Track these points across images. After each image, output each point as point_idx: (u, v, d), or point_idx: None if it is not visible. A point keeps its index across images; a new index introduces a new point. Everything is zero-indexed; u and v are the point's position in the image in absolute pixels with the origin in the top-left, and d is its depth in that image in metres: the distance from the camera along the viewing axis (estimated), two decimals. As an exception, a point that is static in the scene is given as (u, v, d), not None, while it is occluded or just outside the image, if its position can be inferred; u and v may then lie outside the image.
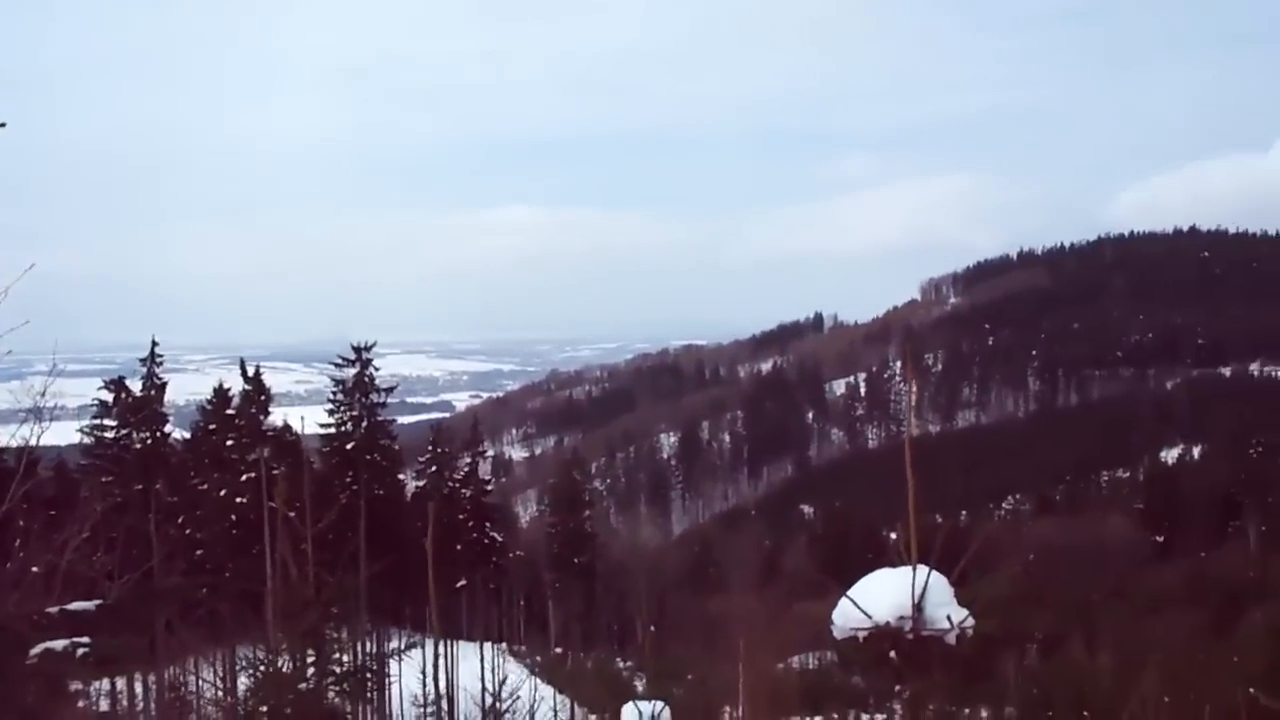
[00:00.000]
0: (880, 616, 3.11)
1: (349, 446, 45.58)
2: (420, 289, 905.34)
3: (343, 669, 6.19)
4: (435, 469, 55.03)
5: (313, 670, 6.01)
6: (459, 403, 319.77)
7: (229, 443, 43.57)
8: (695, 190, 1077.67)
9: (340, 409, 46.39)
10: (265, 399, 45.11)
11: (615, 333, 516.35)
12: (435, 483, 54.34)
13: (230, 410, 44.92)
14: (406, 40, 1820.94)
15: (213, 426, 45.01)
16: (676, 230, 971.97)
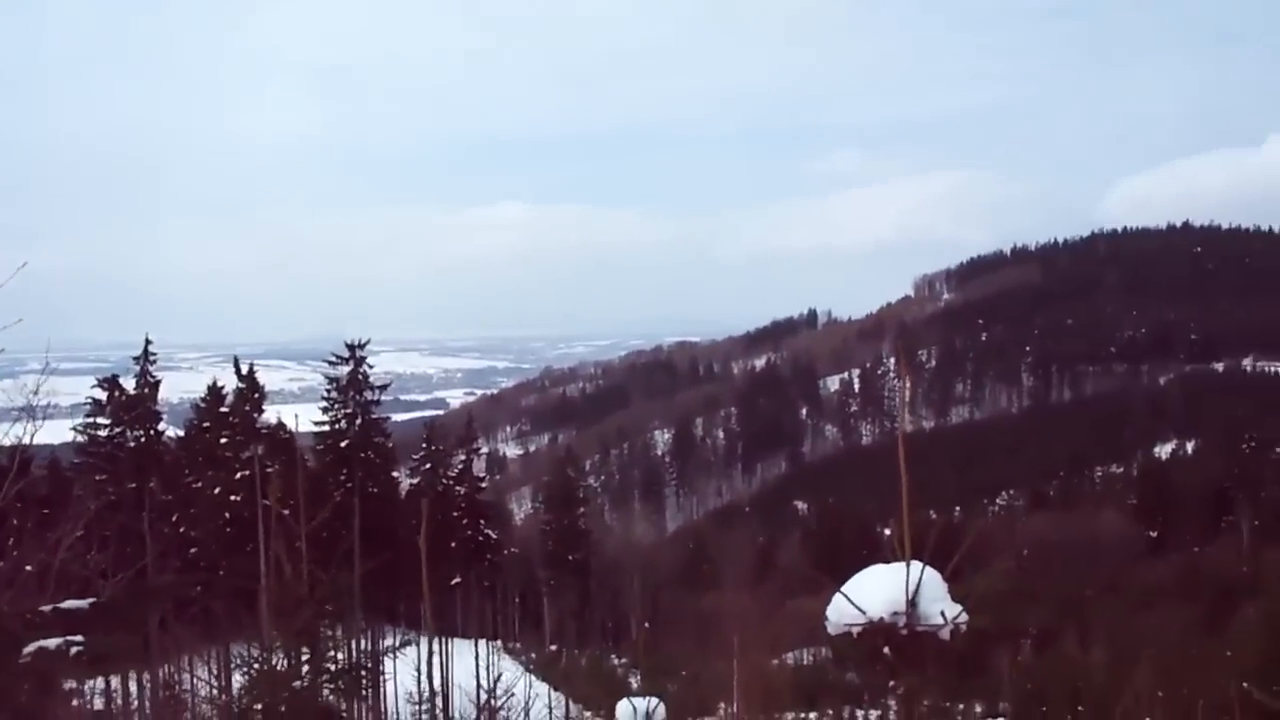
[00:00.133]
0: (874, 612, 3.11)
1: (343, 444, 45.53)
2: (414, 286, 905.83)
3: (337, 667, 6.18)
4: (429, 466, 54.96)
5: (307, 668, 6.00)
6: (453, 400, 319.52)
7: (223, 441, 43.50)
8: (688, 187, 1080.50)
9: (334, 407, 46.33)
10: (259, 397, 45.03)
11: (609, 329, 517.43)
12: (429, 480, 54.27)
13: (224, 408, 44.84)
14: (399, 38, 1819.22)
15: (206, 424, 44.93)
16: (670, 227, 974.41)
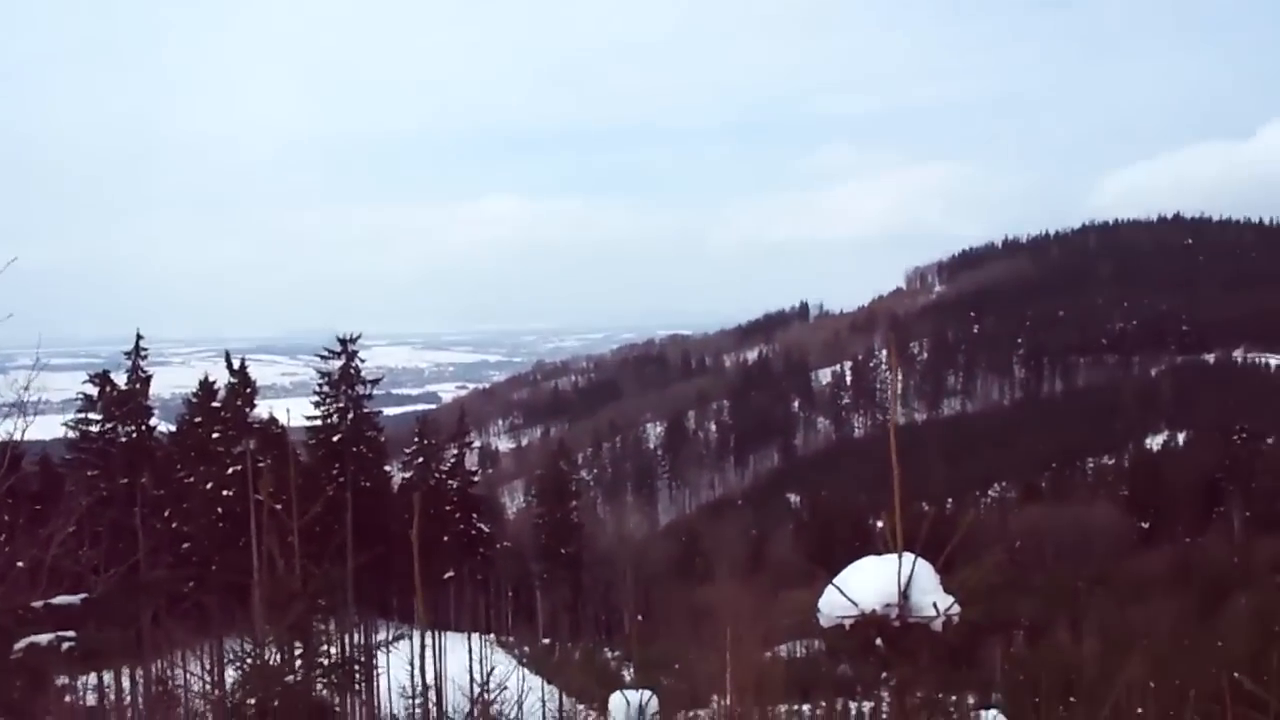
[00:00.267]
0: (866, 604, 3.11)
1: (335, 438, 45.51)
2: (406, 281, 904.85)
3: (330, 661, 6.17)
4: (422, 460, 54.95)
5: (300, 663, 5.99)
6: (445, 394, 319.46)
7: (215, 436, 43.46)
8: (680, 180, 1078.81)
9: (326, 401, 46.31)
10: (251, 391, 45.01)
11: (601, 323, 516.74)
12: (422, 474, 54.27)
13: (216, 403, 44.81)
14: (391, 31, 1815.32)
15: (198, 419, 44.89)
16: (661, 220, 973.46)
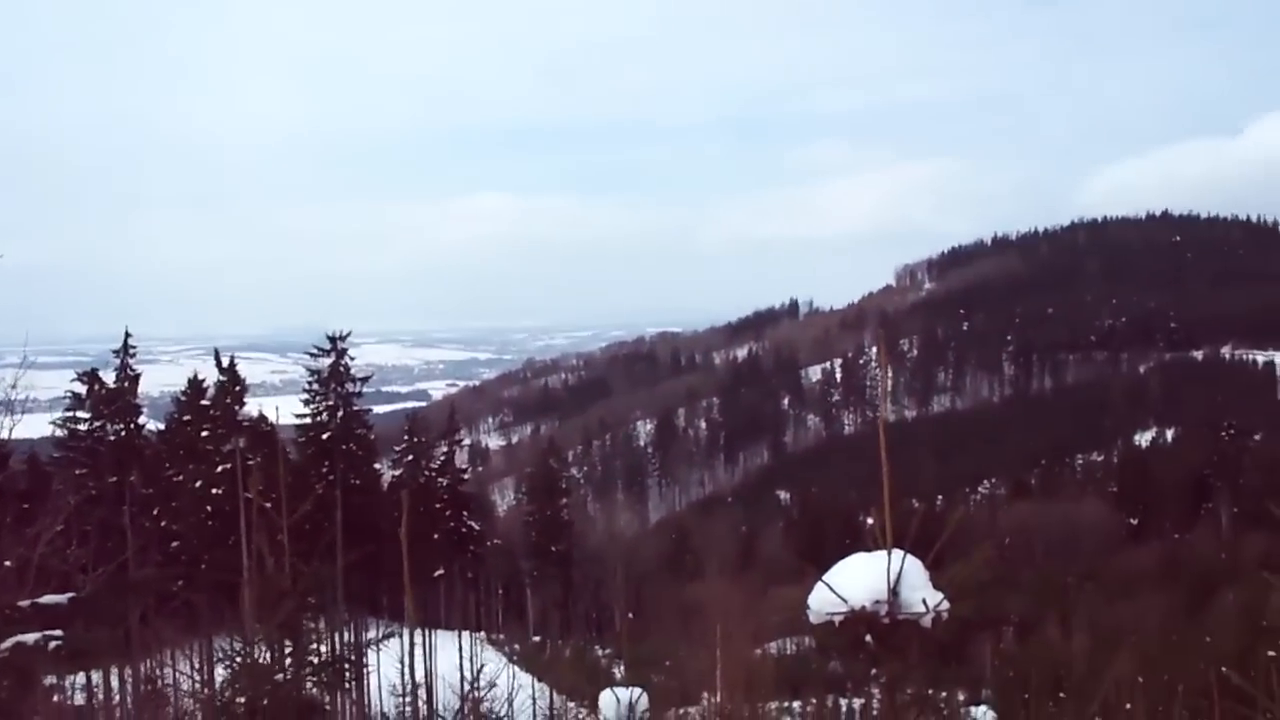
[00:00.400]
0: (856, 601, 3.11)
1: (325, 436, 45.46)
2: (395, 278, 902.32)
3: (320, 659, 6.16)
4: (411, 458, 54.90)
5: (290, 661, 5.98)
6: (435, 392, 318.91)
7: (204, 434, 43.35)
8: (669, 177, 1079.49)
9: (316, 399, 46.25)
10: (240, 389, 44.89)
11: (591, 320, 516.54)
12: (411, 472, 54.22)
13: (205, 401, 44.69)
14: (379, 28, 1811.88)
15: (187, 418, 44.76)
16: (651, 217, 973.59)
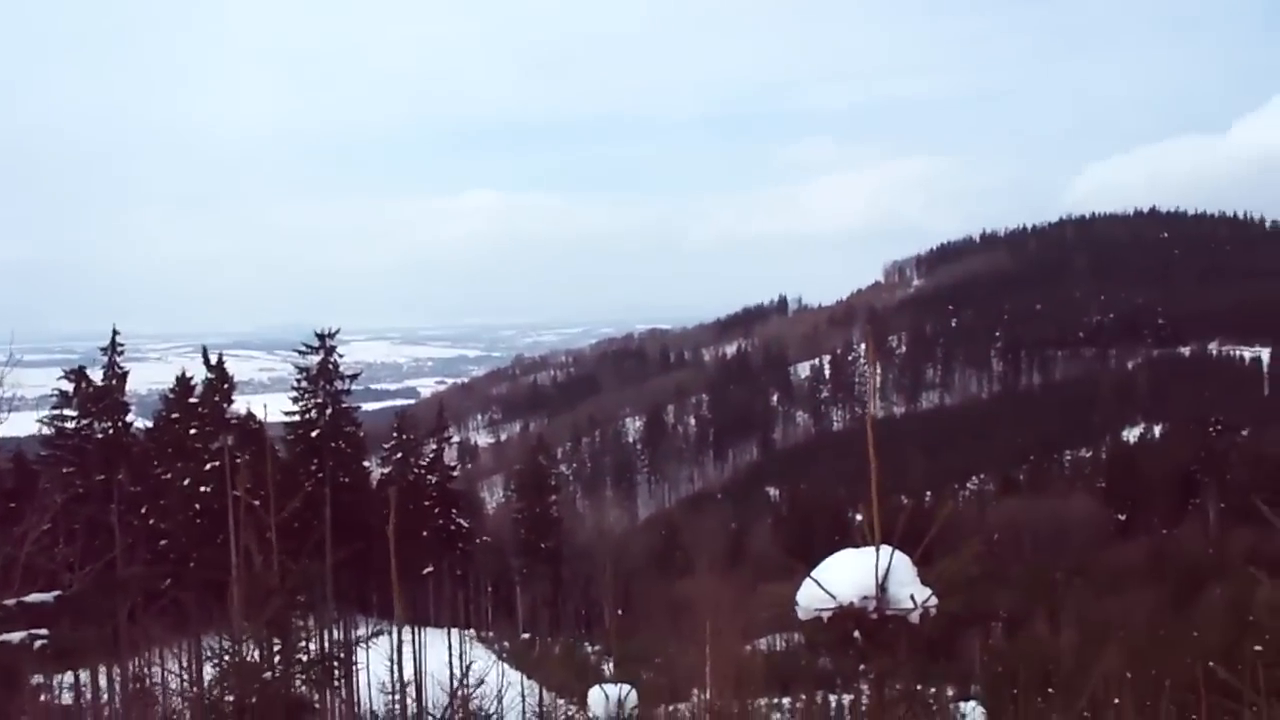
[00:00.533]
0: (844, 597, 3.12)
1: (313, 434, 45.44)
2: (384, 275, 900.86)
3: (309, 657, 6.15)
4: (400, 456, 54.88)
5: (279, 659, 5.97)
6: (424, 389, 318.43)
7: (192, 431, 43.26)
8: (658, 174, 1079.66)
9: (304, 396, 46.22)
10: (228, 387, 44.81)
11: (580, 317, 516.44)
12: (400, 469, 54.19)
13: (193, 399, 44.59)
14: (366, 25, 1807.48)
15: (175, 415, 44.66)
16: (640, 214, 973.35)
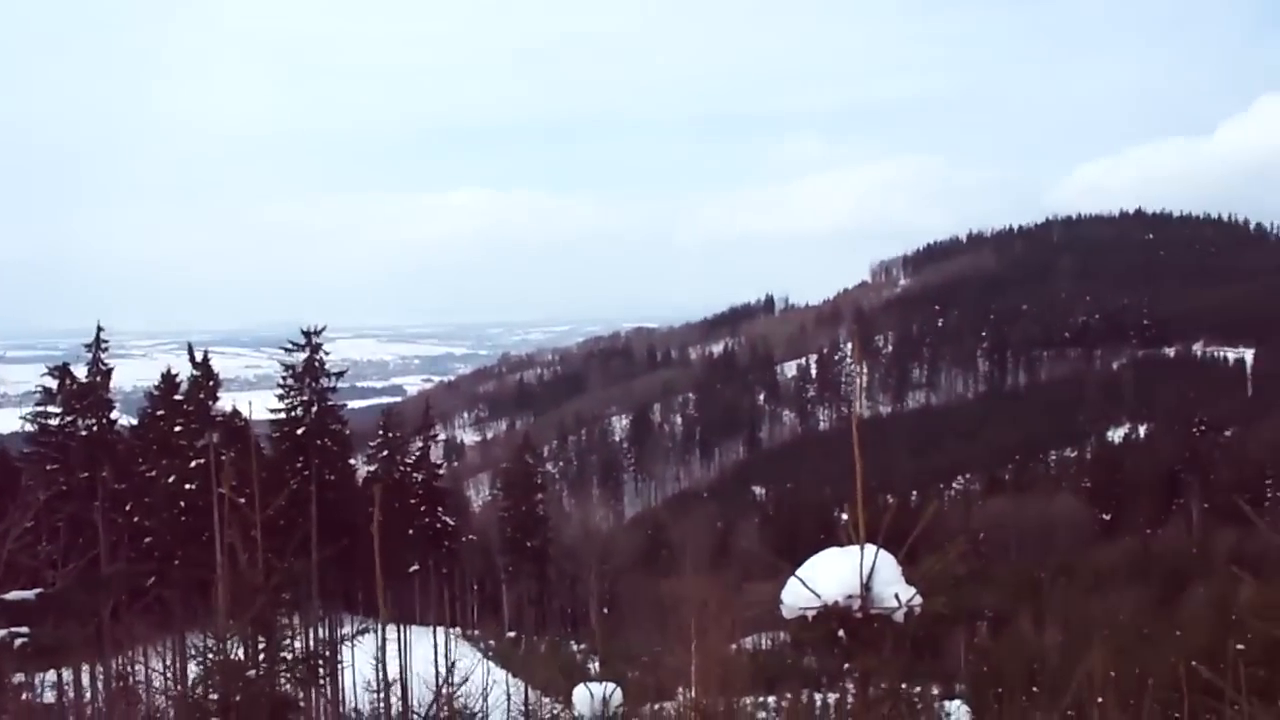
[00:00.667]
0: (828, 596, 3.12)
1: (299, 431, 45.24)
2: (370, 273, 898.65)
3: (294, 655, 6.13)
4: (386, 453, 54.75)
5: (263, 657, 5.95)
6: (410, 387, 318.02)
7: (177, 429, 43.08)
8: (646, 173, 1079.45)
9: (290, 394, 46.00)
10: (214, 384, 44.65)
11: (566, 315, 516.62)
12: (386, 467, 54.06)
13: (178, 396, 44.41)
14: (352, 21, 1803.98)
15: (160, 413, 44.48)
16: (627, 213, 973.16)
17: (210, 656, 5.85)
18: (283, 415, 45.97)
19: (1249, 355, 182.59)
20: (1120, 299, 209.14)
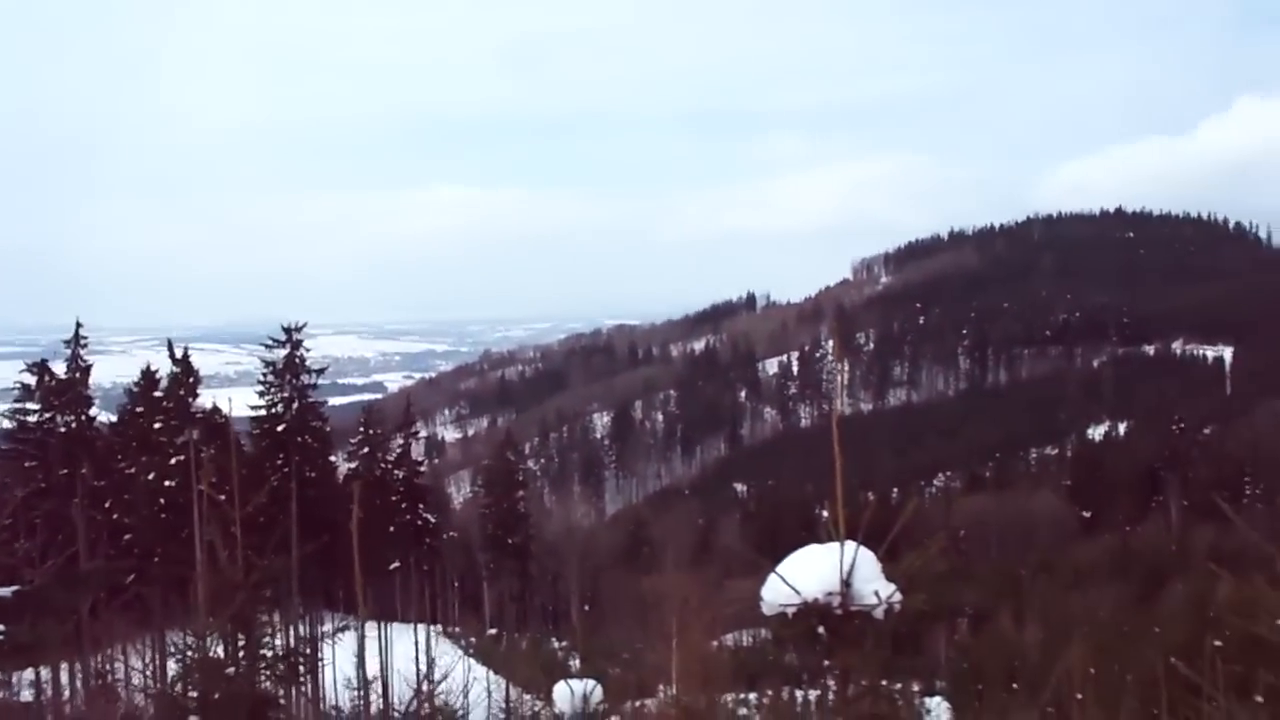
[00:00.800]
0: (809, 593, 3.12)
1: (279, 428, 45.05)
2: (351, 269, 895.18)
3: (274, 653, 6.11)
4: (367, 450, 54.59)
5: (243, 655, 5.93)
6: (391, 384, 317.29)
7: (157, 425, 42.89)
8: (627, 170, 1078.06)
9: (270, 390, 45.81)
10: (194, 381, 44.45)
11: (548, 312, 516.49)
12: (367, 464, 53.91)
13: (158, 392, 44.19)
14: (337, 17, 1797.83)
15: (140, 409, 44.27)
16: (609, 210, 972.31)
17: (190, 654, 5.84)
18: (263, 412, 45.79)
19: (1228, 354, 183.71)
20: (1100, 297, 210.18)
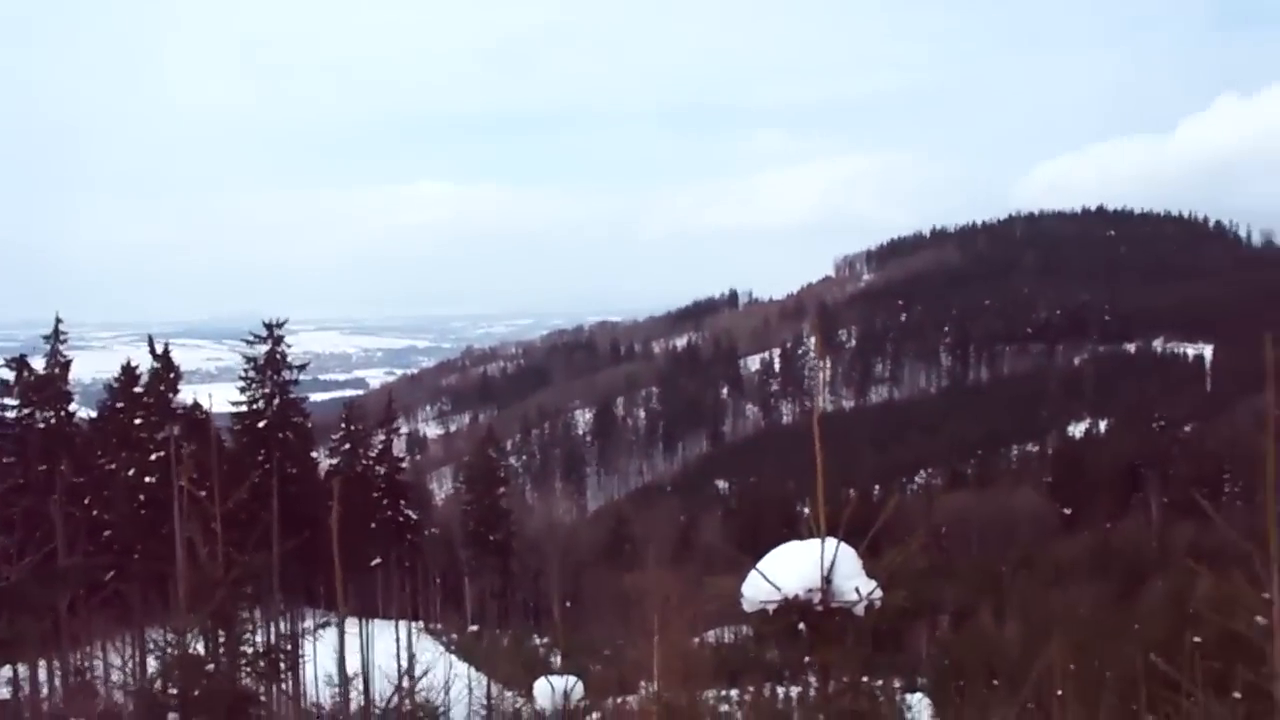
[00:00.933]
0: (790, 589, 3.13)
1: (260, 424, 44.96)
2: (333, 265, 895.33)
3: (254, 650, 6.10)
4: (348, 446, 54.46)
5: (223, 652, 5.91)
6: (373, 380, 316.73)
7: (137, 421, 42.69)
8: (610, 166, 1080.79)
9: (251, 386, 45.70)
10: (175, 376, 44.26)
11: (530, 309, 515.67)
12: (348, 460, 53.80)
13: (138, 388, 43.99)
14: (319, 14, 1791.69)
15: (120, 405, 44.06)
16: (591, 206, 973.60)
17: (170, 651, 5.81)
18: (244, 408, 45.68)
19: (1208, 351, 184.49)
20: (1082, 295, 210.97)
